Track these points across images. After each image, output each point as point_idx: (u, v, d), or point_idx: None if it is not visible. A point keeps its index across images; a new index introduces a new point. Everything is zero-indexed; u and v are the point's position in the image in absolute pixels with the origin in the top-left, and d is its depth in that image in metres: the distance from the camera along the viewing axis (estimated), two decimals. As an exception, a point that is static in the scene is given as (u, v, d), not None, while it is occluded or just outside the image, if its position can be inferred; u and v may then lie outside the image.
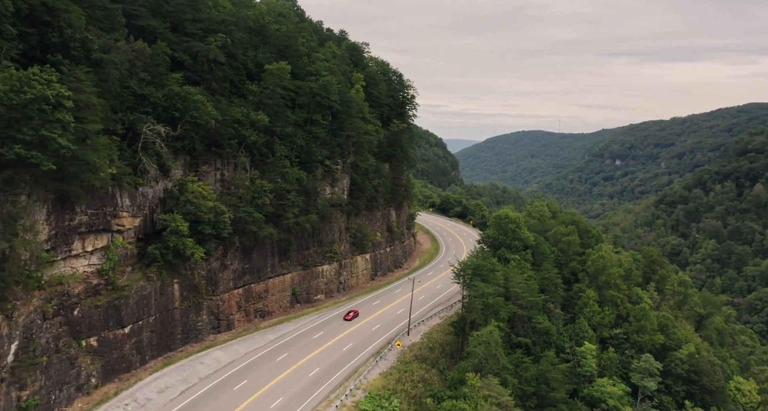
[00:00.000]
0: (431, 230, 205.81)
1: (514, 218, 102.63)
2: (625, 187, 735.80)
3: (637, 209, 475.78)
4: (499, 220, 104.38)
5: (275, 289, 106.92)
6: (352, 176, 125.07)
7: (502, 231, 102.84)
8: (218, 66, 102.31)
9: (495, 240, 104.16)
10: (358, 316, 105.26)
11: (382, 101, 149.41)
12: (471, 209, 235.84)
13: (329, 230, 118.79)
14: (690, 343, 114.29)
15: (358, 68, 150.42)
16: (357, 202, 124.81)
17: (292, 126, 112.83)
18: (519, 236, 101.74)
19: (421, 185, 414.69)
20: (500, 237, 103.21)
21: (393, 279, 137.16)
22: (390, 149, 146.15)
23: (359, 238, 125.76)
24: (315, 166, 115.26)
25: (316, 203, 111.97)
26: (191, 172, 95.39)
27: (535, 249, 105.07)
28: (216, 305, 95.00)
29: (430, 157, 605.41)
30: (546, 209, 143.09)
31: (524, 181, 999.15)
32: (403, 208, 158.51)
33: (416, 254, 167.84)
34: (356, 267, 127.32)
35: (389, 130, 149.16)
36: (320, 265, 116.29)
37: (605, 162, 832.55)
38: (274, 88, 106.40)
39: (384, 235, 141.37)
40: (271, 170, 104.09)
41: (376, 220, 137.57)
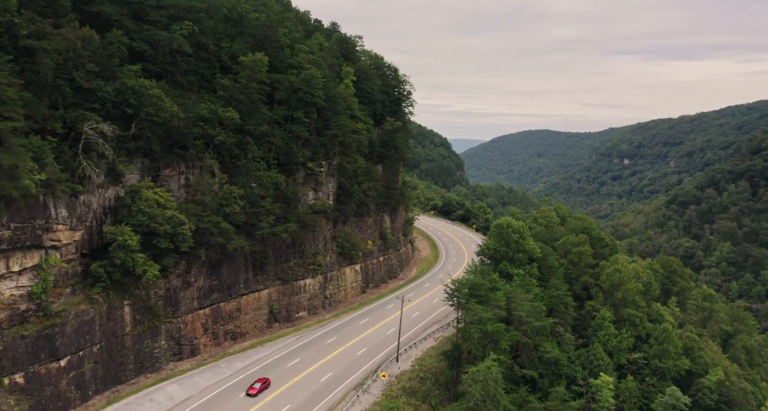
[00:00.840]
0: (431, 235, 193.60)
1: (517, 227, 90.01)
2: (633, 187, 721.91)
3: (648, 210, 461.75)
4: (500, 230, 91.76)
5: (249, 308, 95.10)
6: (338, 179, 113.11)
7: (504, 242, 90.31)
8: (184, 57, 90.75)
9: (496, 252, 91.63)
10: (269, 387, 75.87)
11: (375, 97, 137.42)
12: (474, 212, 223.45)
13: (312, 240, 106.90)
14: (718, 367, 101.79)
15: (348, 62, 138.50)
16: (344, 208, 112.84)
17: (268, 124, 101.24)
18: (523, 248, 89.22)
19: (424, 186, 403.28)
20: (502, 249, 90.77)
21: (386, 292, 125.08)
22: (383, 149, 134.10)
23: (347, 248, 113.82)
24: (295, 169, 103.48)
25: (297, 210, 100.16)
26: (149, 176, 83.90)
27: (542, 262, 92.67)
28: (177, 329, 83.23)
29: (434, 158, 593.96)
30: (554, 214, 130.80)
31: (531, 181, 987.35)
32: (399, 213, 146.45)
33: (413, 262, 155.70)
34: (344, 280, 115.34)
35: (382, 129, 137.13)
36: (302, 279, 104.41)
37: (613, 161, 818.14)
38: (247, 82, 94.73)
39: (376, 243, 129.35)
40: (243, 174, 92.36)
41: (367, 227, 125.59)
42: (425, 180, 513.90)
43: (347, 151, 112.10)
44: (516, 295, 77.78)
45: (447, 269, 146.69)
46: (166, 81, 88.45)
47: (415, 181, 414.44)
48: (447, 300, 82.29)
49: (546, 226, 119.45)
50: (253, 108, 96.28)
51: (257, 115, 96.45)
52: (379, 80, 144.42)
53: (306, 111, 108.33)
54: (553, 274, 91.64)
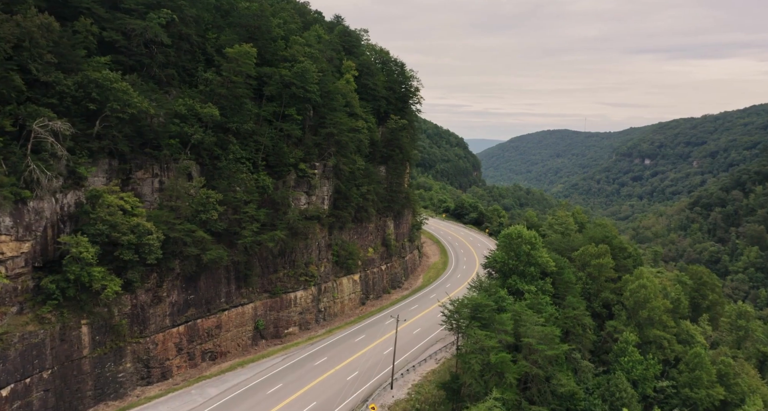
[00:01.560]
0: (441, 240, 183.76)
1: (528, 237, 79.85)
2: (655, 188, 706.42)
3: (670, 211, 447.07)
4: (509, 240, 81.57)
5: (231, 324, 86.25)
6: (334, 182, 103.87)
7: (514, 254, 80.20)
8: (161, 49, 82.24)
9: (504, 265, 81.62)
10: None
11: (378, 94, 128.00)
12: (488, 215, 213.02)
13: (304, 248, 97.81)
14: (756, 394, 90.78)
15: (350, 56, 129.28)
16: (341, 214, 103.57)
17: (256, 122, 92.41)
18: (535, 260, 79.14)
19: (439, 187, 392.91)
20: (511, 262, 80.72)
21: (387, 304, 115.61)
22: (386, 149, 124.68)
23: (344, 257, 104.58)
24: (286, 171, 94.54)
25: (286, 216, 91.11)
26: (119, 180, 75.49)
27: (557, 277, 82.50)
28: (145, 350, 74.53)
29: (450, 158, 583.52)
30: (571, 221, 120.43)
31: (549, 182, 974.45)
32: (404, 218, 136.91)
33: (420, 270, 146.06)
34: (341, 291, 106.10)
35: (386, 127, 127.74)
36: (292, 292, 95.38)
37: (634, 161, 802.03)
38: (229, 76, 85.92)
39: (378, 250, 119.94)
40: (224, 177, 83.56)
41: (367, 233, 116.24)
42: (440, 181, 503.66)
43: (344, 151, 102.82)
44: (526, 318, 67.73)
45: (456, 278, 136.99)
46: (140, 75, 79.89)
47: (429, 182, 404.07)
48: (444, 324, 72.68)
49: (563, 233, 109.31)
50: (237, 104, 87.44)
51: (242, 111, 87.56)
52: (384, 76, 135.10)
53: (299, 108, 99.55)
54: (570, 290, 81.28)
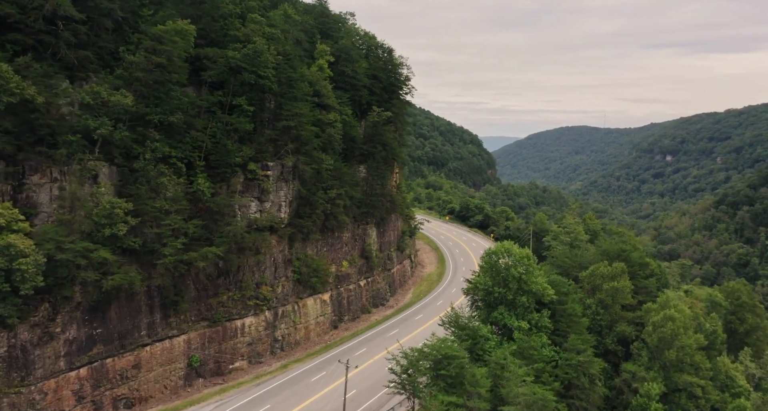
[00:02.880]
0: (441, 246, 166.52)
1: (519, 257, 62.10)
2: (677, 185, 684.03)
3: (694, 210, 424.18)
4: (493, 262, 63.78)
5: (155, 362, 70.08)
6: (295, 186, 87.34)
7: (501, 279, 62.65)
8: (69, 26, 66.39)
9: (488, 294, 63.87)
10: None
11: (359, 82, 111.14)
12: (494, 218, 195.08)
13: (255, 266, 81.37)
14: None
15: (328, 40, 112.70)
16: (303, 223, 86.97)
17: (196, 113, 76.47)
18: (528, 288, 61.40)
19: (450, 186, 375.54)
20: (497, 289, 63.08)
21: (365, 327, 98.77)
22: (367, 146, 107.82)
23: (308, 274, 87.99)
24: (230, 173, 78.23)
25: (227, 228, 74.69)
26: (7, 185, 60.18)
27: (558, 307, 64.76)
28: (29, 401, 58.55)
29: (463, 156, 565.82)
30: (581, 229, 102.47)
31: (568, 179, 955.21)
32: (391, 224, 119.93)
33: (412, 283, 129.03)
34: (305, 315, 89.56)
35: (368, 121, 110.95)
36: (239, 319, 79.02)
37: (655, 158, 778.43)
38: (149, 56, 69.69)
39: (355, 263, 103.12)
40: (141, 181, 67.45)
41: (340, 244, 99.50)
42: (453, 179, 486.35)
43: (305, 147, 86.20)
44: (509, 374, 50.34)
45: (450, 292, 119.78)
46: (37, 57, 64.05)
47: (440, 181, 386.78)
48: (394, 388, 55.48)
49: (570, 244, 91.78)
50: (163, 91, 71.27)
51: (169, 101, 71.33)
52: (367, 63, 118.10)
53: (251, 97, 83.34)
54: (574, 325, 63.39)
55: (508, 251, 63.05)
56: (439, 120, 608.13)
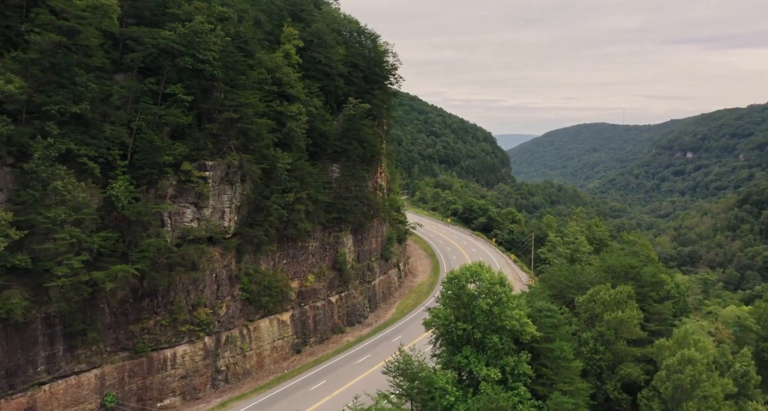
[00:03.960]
0: (437, 252, 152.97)
1: (490, 283, 48.57)
2: (698, 183, 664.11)
3: (715, 209, 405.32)
4: (457, 288, 49.30)
5: (57, 403, 57.61)
6: (244, 189, 74.58)
7: (468, 312, 48.78)
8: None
9: (449, 331, 49.72)
10: None
11: (333, 71, 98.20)
12: (498, 220, 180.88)
13: (191, 284, 68.66)
14: None
15: (299, 24, 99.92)
16: (252, 233, 74.06)
17: (112, 103, 64.03)
18: (502, 323, 47.63)
19: (460, 185, 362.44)
20: (460, 325, 49.19)
21: (332, 351, 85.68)
22: (340, 143, 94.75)
23: (259, 292, 75.07)
24: (160, 174, 65.67)
25: (148, 241, 62.02)
26: None
27: (542, 347, 50.70)
28: None
29: (476, 154, 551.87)
30: (583, 240, 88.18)
31: (585, 177, 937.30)
32: (372, 231, 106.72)
33: (398, 295, 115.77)
34: (257, 339, 76.73)
35: (344, 114, 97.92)
36: (169, 348, 66.39)
37: (675, 155, 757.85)
38: (47, 35, 57.25)
39: (324, 277, 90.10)
40: (34, 185, 55.07)
41: (305, 255, 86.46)
42: (465, 178, 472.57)
43: (253, 144, 73.31)
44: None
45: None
46: None
47: (450, 179, 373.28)
48: None
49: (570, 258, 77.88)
50: (67, 77, 58.87)
51: (73, 88, 58.85)
52: (345, 49, 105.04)
53: (190, 85, 70.90)
54: (562, 371, 49.28)
55: (475, 275, 49.42)
56: (452, 117, 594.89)
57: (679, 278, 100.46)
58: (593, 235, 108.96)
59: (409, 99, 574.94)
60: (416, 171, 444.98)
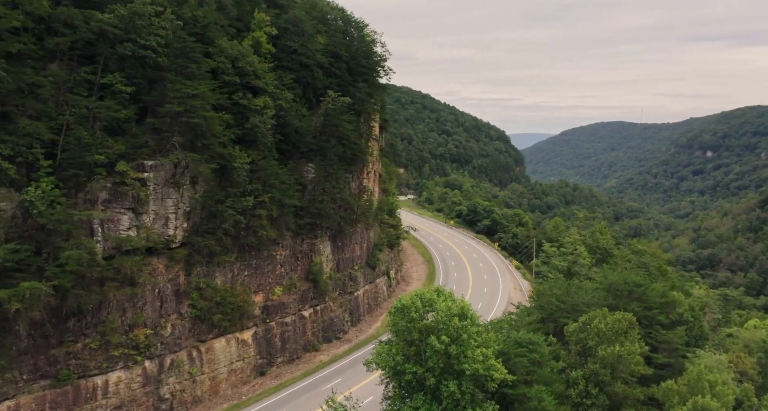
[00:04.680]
0: (435, 257, 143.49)
1: (447, 315, 38.52)
2: (718, 182, 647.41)
3: (736, 210, 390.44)
4: (406, 322, 38.81)
5: (-47, 446, 49.40)
6: (196, 191, 65.90)
7: (420, 350, 38.85)
8: None
9: (399, 374, 39.90)
10: None
11: (310, 61, 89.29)
12: (502, 223, 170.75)
13: (127, 302, 60.02)
14: None
15: (274, 10, 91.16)
16: (202, 242, 65.30)
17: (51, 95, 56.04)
18: (461, 367, 37.26)
19: (471, 185, 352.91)
20: (410, 368, 39.30)
21: (302, 373, 76.67)
22: (316, 140, 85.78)
23: (210, 308, 66.34)
24: (89, 175, 57.26)
25: (69, 253, 53.47)
26: None
27: (516, 394, 40.62)
28: None
29: (489, 153, 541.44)
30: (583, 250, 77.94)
31: (602, 176, 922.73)
32: (355, 236, 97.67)
33: (386, 306, 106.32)
34: (210, 362, 68.00)
35: (321, 108, 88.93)
36: (99, 374, 57.80)
37: (694, 153, 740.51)
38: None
39: (296, 289, 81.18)
40: None
41: (272, 265, 77.51)
42: (477, 177, 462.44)
43: (202, 141, 64.51)
44: None
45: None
46: None
47: (461, 179, 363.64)
48: None
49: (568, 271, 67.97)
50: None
51: (-22, 74, 50.63)
52: (325, 37, 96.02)
53: (132, 74, 62.52)
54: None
55: (429, 304, 39.83)
56: (464, 116, 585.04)
57: (696, 292, 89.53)
58: (597, 244, 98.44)
59: (420, 97, 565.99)
60: (427, 170, 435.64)
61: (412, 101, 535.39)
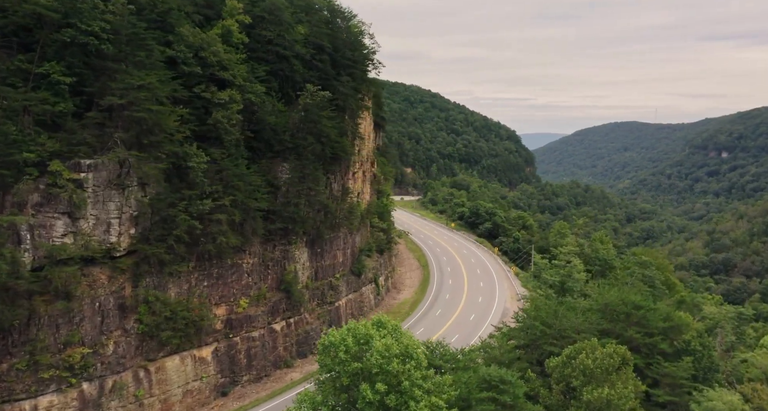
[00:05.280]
0: (431, 262, 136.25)
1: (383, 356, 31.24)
2: (733, 184, 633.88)
3: (752, 212, 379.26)
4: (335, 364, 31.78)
5: None
6: (145, 194, 59.28)
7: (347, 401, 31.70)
8: None
9: None
10: None
11: (288, 52, 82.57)
12: (505, 226, 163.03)
13: (62, 317, 53.43)
14: None
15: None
16: (148, 250, 58.61)
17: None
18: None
19: (478, 186, 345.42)
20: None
21: (267, 394, 69.89)
22: (292, 138, 78.93)
23: (159, 324, 59.67)
24: (17, 176, 50.83)
25: (-15, 264, 47.01)
26: None
27: None
28: None
29: (499, 153, 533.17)
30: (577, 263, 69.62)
31: (615, 177, 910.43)
32: (337, 242, 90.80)
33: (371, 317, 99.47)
34: (161, 383, 61.35)
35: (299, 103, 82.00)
36: (27, 398, 51.16)
37: (709, 154, 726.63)
38: None
39: (266, 300, 74.40)
40: None
41: (238, 274, 70.75)
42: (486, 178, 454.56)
43: (149, 137, 57.81)
44: None
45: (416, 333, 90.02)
46: None
47: (468, 179, 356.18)
48: None
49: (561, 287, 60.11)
50: None
51: None
52: (306, 28, 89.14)
53: (72, 63, 56.11)
54: None
55: (363, 341, 32.53)
56: (474, 115, 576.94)
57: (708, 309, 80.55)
58: (596, 254, 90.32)
59: (430, 96, 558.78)
60: (434, 170, 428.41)
61: (421, 100, 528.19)
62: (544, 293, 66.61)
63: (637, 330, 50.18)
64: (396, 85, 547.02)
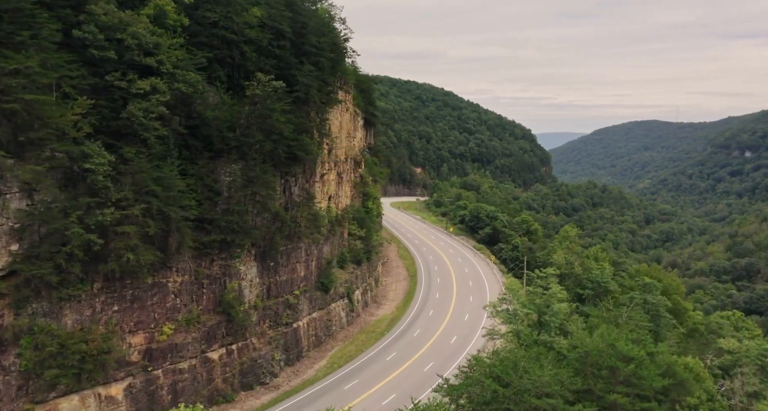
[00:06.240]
0: (421, 271, 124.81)
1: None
2: (757, 184, 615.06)
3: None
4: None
5: None
6: (28, 202, 48.85)
7: None
8: None
9: None
10: None
11: (236, 37, 72.00)
12: (505, 233, 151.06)
13: None
14: None
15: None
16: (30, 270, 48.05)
17: None
18: None
19: (489, 186, 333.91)
20: None
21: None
22: (237, 135, 68.21)
23: (42, 362, 49.13)
24: None
25: None
26: None
27: None
28: None
29: (513, 152, 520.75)
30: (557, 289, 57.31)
31: (635, 177, 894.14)
32: (297, 254, 79.84)
33: (342, 338, 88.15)
34: (51, 430, 50.80)
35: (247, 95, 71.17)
36: None
37: (732, 154, 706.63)
38: None
39: (200, 325, 63.70)
40: None
41: (161, 295, 60.04)
42: (499, 178, 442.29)
43: (29, 133, 47.34)
44: None
45: (385, 359, 78.86)
46: None
47: (479, 179, 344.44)
48: None
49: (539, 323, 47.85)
50: None
51: None
52: (262, 10, 78.38)
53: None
54: None
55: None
56: (488, 114, 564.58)
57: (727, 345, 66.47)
58: (588, 276, 77.59)
59: (442, 94, 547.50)
60: (445, 170, 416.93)
61: (433, 98, 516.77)
62: (510, 337, 53.77)
63: (624, 391, 37.71)
64: (408, 83, 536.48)
